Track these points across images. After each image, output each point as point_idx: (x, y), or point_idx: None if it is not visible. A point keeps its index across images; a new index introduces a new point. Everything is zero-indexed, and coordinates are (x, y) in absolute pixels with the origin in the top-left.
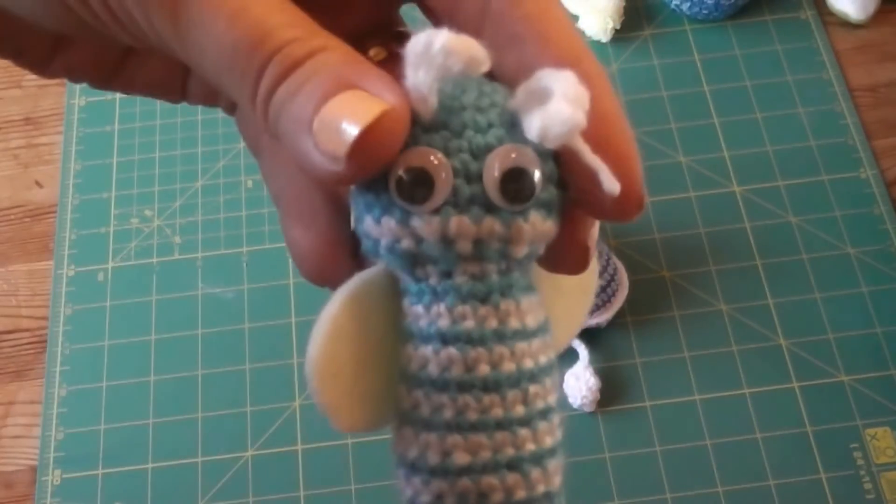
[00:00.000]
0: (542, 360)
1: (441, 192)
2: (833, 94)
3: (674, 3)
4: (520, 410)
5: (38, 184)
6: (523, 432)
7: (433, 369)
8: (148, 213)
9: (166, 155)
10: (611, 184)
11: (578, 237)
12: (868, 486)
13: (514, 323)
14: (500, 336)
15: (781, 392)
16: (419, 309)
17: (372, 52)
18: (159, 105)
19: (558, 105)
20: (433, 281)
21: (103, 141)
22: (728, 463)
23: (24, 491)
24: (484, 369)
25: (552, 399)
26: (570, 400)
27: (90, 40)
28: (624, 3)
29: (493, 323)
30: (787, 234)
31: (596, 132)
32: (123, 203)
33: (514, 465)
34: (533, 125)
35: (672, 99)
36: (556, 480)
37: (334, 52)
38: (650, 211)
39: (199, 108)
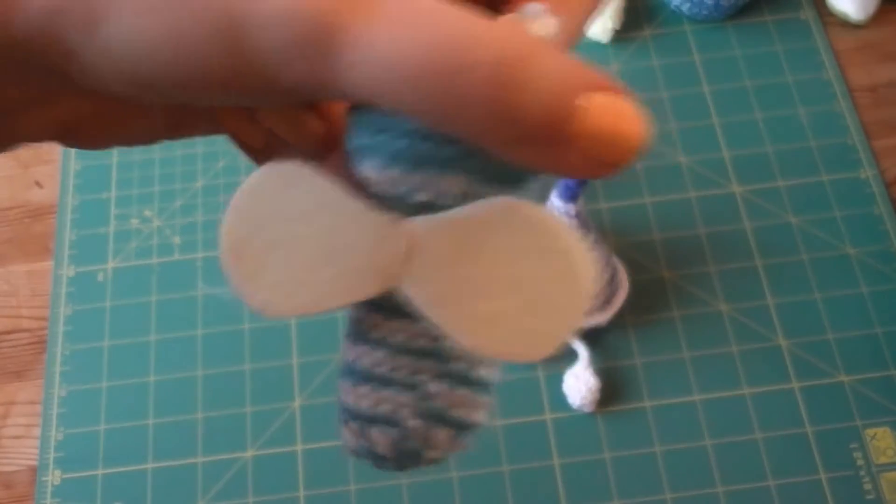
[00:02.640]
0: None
1: None
2: (833, 94)
3: (674, 3)
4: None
5: (38, 184)
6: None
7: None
8: (148, 213)
9: (166, 155)
10: None
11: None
12: (868, 486)
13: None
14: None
15: (781, 392)
16: None
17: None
18: None
19: None
20: None
21: None
22: (728, 463)
23: (24, 491)
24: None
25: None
26: (570, 400)
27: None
28: (624, 4)
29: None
30: (787, 234)
31: None
32: (123, 203)
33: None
34: None
35: (672, 99)
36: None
37: (555, 54)
38: (650, 211)
39: None
